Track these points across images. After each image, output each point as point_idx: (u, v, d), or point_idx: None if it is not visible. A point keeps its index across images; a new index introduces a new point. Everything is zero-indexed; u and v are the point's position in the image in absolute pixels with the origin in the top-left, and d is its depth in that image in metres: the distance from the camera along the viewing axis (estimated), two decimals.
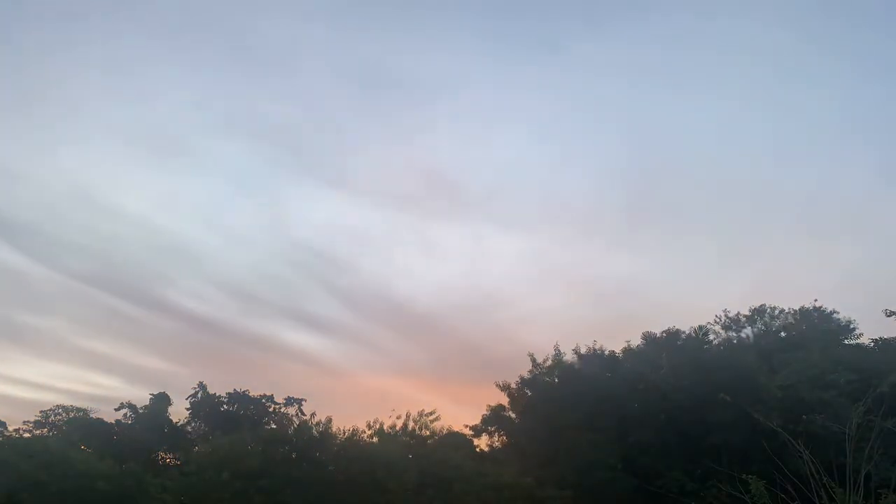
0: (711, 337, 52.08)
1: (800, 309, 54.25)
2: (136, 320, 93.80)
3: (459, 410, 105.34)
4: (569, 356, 47.85)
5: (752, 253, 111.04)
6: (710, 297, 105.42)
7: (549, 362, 47.36)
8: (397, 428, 43.86)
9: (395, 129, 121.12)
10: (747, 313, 55.94)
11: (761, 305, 56.04)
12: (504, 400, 49.42)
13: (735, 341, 53.98)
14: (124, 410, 52.64)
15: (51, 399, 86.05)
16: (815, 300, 53.98)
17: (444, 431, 45.71)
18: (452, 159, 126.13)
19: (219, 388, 54.52)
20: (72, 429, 49.22)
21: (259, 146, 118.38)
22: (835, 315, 52.55)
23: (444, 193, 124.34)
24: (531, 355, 47.84)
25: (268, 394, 55.39)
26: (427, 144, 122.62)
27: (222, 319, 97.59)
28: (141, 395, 58.57)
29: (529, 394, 47.65)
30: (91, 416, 51.55)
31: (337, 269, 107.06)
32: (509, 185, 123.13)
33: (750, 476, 17.15)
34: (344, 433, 38.02)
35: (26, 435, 47.65)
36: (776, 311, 55.65)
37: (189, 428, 53.61)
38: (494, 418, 49.95)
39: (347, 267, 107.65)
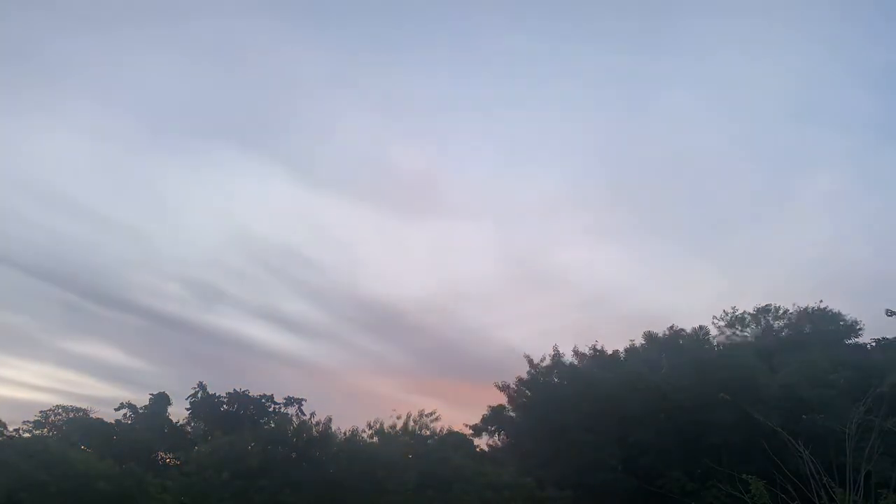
0: (713, 335, 52.19)
1: (803, 308, 54.27)
2: (96, 316, 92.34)
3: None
4: (568, 356, 47.94)
5: (722, 252, 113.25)
6: (685, 296, 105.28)
7: (548, 362, 47.39)
8: (397, 428, 43.90)
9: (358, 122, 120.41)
10: (752, 312, 55.99)
11: (765, 305, 56.10)
12: (504, 400, 49.50)
13: (736, 341, 54.01)
14: (124, 410, 52.69)
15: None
16: (820, 301, 54.05)
17: (444, 431, 45.77)
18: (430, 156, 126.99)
19: (180, 383, 54.19)
20: (72, 429, 49.24)
21: (216, 136, 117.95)
22: (839, 315, 52.56)
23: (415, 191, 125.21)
24: (527, 356, 47.90)
25: (267, 394, 55.48)
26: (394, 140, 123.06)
27: (184, 314, 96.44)
28: (111, 393, 58.35)
29: (529, 394, 47.66)
30: (91, 416, 51.58)
31: (300, 264, 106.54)
32: (476, 181, 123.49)
33: (750, 476, 17.15)
34: (344, 433, 38.07)
35: (26, 435, 47.64)
36: (779, 311, 55.66)
37: (189, 428, 53.63)
38: (494, 418, 49.98)
39: (311, 262, 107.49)
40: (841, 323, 51.90)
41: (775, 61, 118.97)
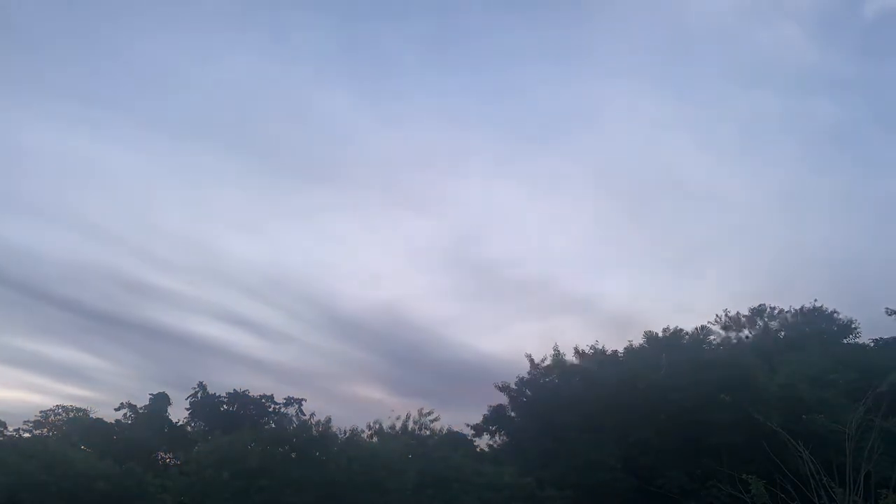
0: (712, 337, 52.25)
1: (799, 309, 54.35)
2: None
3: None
4: (569, 356, 47.94)
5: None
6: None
7: (548, 362, 47.39)
8: (397, 428, 43.92)
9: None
10: (746, 313, 56.08)
11: (760, 305, 56.21)
12: (504, 400, 49.50)
13: (735, 341, 54.10)
14: (124, 410, 52.66)
15: None
16: (815, 300, 54.16)
17: (444, 431, 45.79)
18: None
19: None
20: (72, 429, 49.22)
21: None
22: (835, 315, 52.65)
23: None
24: (529, 356, 47.92)
25: (267, 394, 55.47)
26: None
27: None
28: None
29: (529, 394, 47.67)
30: (91, 416, 51.57)
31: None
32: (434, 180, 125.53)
33: (750, 476, 17.18)
34: (344, 433, 38.05)
35: (26, 435, 47.63)
36: (776, 311, 55.75)
37: (189, 428, 53.60)
38: (494, 418, 49.99)
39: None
40: (835, 323, 51.98)
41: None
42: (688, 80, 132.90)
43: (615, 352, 48.49)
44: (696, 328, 51.52)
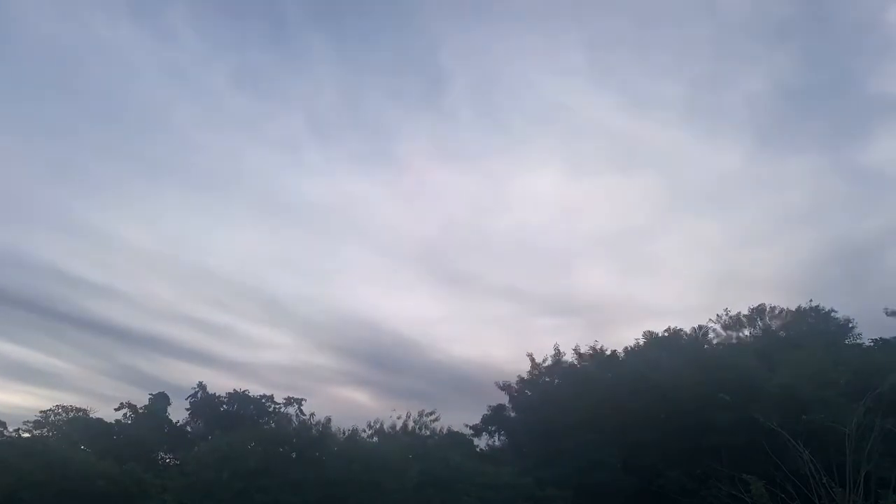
0: (711, 337, 52.22)
1: (797, 308, 54.31)
2: None
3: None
4: (569, 356, 47.95)
5: None
6: None
7: (549, 362, 47.41)
8: (397, 428, 43.94)
9: None
10: (746, 313, 56.02)
11: (760, 305, 56.13)
12: (504, 399, 49.53)
13: (735, 341, 54.05)
14: (124, 410, 52.64)
15: None
16: (811, 300, 54.18)
17: (444, 431, 45.81)
18: None
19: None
20: (72, 429, 49.20)
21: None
22: (833, 314, 52.62)
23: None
24: (530, 355, 47.94)
25: (267, 394, 55.49)
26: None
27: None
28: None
29: (529, 393, 47.68)
30: (91, 415, 51.54)
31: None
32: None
33: (750, 476, 17.17)
34: (344, 433, 38.05)
35: (26, 435, 47.61)
36: (776, 311, 55.70)
37: (189, 428, 53.60)
38: (494, 418, 50.01)
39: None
40: (835, 323, 51.94)
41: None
42: None
43: (614, 352, 48.51)
44: (695, 328, 51.56)
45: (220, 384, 78.11)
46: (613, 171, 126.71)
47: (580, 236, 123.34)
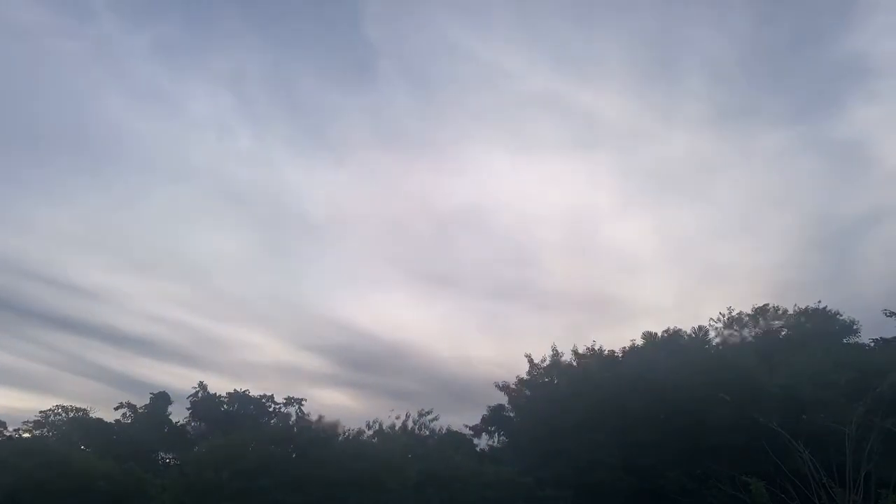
0: (712, 336, 52.17)
1: (802, 309, 54.23)
2: None
3: None
4: (567, 356, 47.92)
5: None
6: None
7: (548, 362, 47.40)
8: (397, 428, 43.92)
9: None
10: (750, 312, 55.93)
11: (764, 305, 56.04)
12: (503, 400, 49.53)
13: (736, 341, 54.01)
14: (123, 410, 52.66)
15: None
16: (819, 301, 54.05)
17: (444, 431, 45.82)
18: None
19: None
20: (72, 429, 49.23)
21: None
22: (837, 315, 52.55)
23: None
24: (528, 356, 47.92)
25: (268, 394, 55.51)
26: None
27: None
28: None
29: (529, 394, 47.67)
30: (91, 415, 51.57)
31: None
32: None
33: (750, 476, 17.15)
34: (344, 433, 38.04)
35: (26, 435, 47.65)
36: (778, 311, 55.63)
37: (189, 428, 53.61)
38: (494, 418, 50.02)
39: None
40: (836, 323, 51.87)
41: None
42: None
43: (612, 352, 48.49)
44: (695, 328, 51.50)
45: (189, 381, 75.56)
46: (565, 149, 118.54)
47: (538, 221, 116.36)
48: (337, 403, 75.71)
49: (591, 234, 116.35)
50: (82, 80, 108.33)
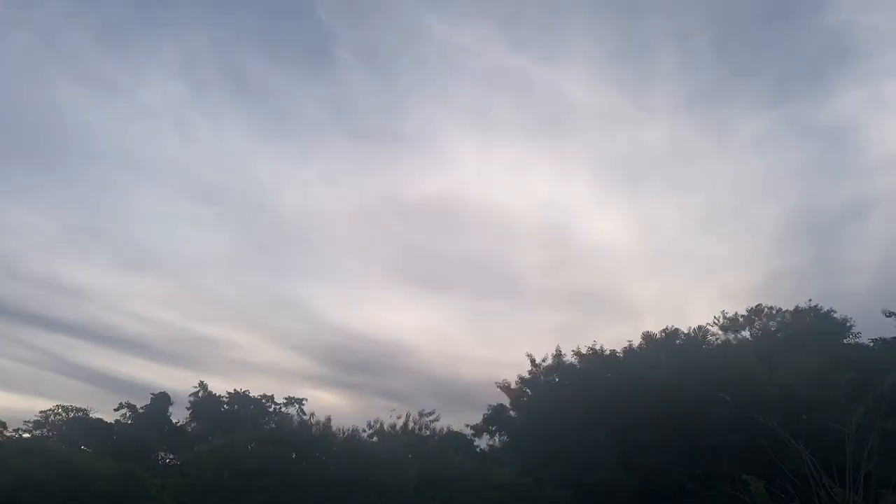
0: (710, 337, 52.15)
1: (796, 308, 54.25)
2: None
3: None
4: (568, 356, 47.90)
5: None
6: None
7: (549, 362, 47.39)
8: (397, 428, 43.95)
9: None
10: (744, 313, 55.97)
11: (758, 305, 56.07)
12: (504, 399, 49.49)
13: (734, 341, 54.02)
14: (124, 410, 52.63)
15: None
16: (810, 300, 54.13)
17: (445, 431, 45.82)
18: None
19: None
20: (72, 429, 49.21)
21: None
22: (832, 314, 52.57)
23: None
24: (529, 355, 47.91)
25: (268, 394, 55.49)
26: None
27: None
28: None
29: (529, 393, 47.67)
30: (91, 415, 51.55)
31: None
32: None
33: (750, 476, 17.15)
34: (344, 433, 38.06)
35: (26, 435, 47.64)
36: (773, 311, 55.65)
37: (189, 428, 53.58)
38: (495, 418, 49.99)
39: None
40: (834, 323, 51.87)
41: None
42: None
43: (613, 352, 48.48)
44: (694, 328, 51.47)
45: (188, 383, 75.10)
46: (536, 134, 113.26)
47: (514, 214, 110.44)
48: (325, 404, 75.38)
49: (568, 228, 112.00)
50: (32, 72, 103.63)
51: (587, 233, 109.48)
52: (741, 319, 55.76)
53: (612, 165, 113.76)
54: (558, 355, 47.42)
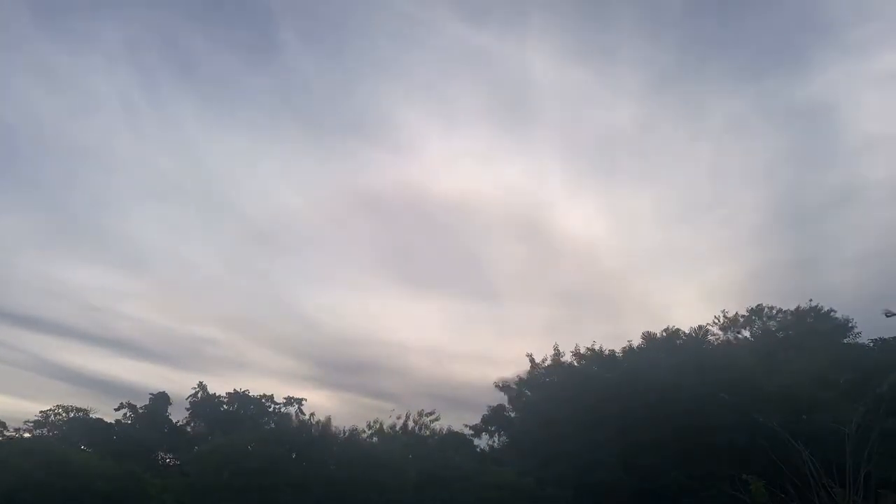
0: (711, 337, 52.21)
1: (796, 309, 54.32)
2: None
3: None
4: (567, 356, 47.93)
5: None
6: None
7: (548, 362, 47.41)
8: (397, 428, 43.95)
9: None
10: (745, 313, 56.02)
11: (758, 305, 56.13)
12: (495, 399, 49.57)
13: (734, 341, 54.09)
14: (124, 410, 52.62)
15: None
16: (811, 300, 54.19)
17: (444, 431, 45.82)
18: None
19: None
20: (72, 429, 49.22)
21: None
22: (832, 314, 52.62)
23: None
24: (529, 355, 47.93)
25: (267, 394, 55.47)
26: None
27: None
28: None
29: (529, 394, 47.69)
30: (91, 415, 51.54)
31: None
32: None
33: (750, 476, 17.16)
34: (344, 433, 38.06)
35: (26, 435, 47.65)
36: (773, 311, 55.72)
37: (189, 428, 53.58)
38: (494, 418, 50.03)
39: None
40: (834, 323, 51.94)
41: None
42: None
43: (612, 352, 48.52)
44: (694, 328, 51.52)
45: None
46: (499, 116, 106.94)
47: (481, 206, 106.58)
48: (313, 405, 75.01)
49: (544, 220, 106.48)
50: None
51: (563, 227, 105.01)
52: (742, 319, 55.87)
53: (583, 151, 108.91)
54: (557, 355, 47.48)
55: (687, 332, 50.90)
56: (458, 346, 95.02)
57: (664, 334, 50.38)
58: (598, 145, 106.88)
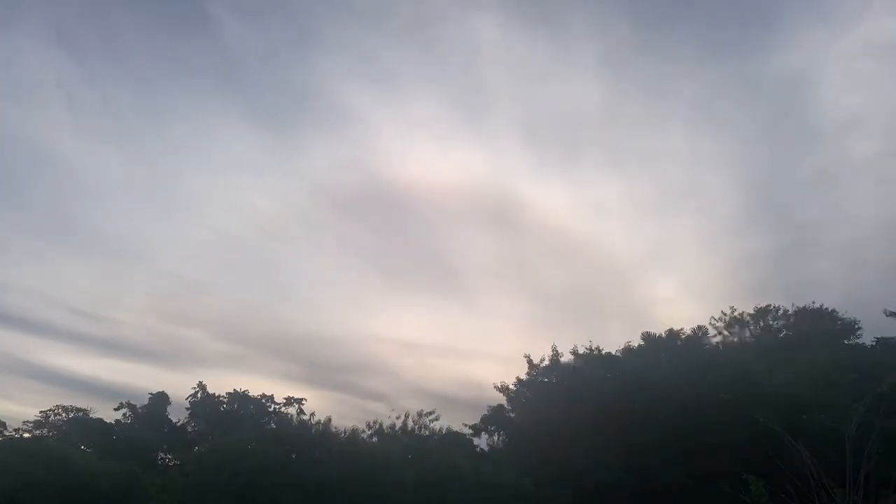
0: (712, 337, 52.23)
1: (800, 308, 54.30)
2: None
3: None
4: (566, 356, 47.89)
5: None
6: None
7: (547, 363, 47.37)
8: (397, 428, 43.93)
9: None
10: (752, 312, 56.01)
11: (766, 305, 56.13)
12: (503, 400, 49.47)
13: (736, 341, 54.08)
14: (124, 410, 52.64)
15: None
16: (814, 301, 54.16)
17: (444, 431, 45.80)
18: None
19: None
20: (72, 429, 49.24)
21: None
22: (835, 314, 52.59)
23: None
24: (527, 356, 47.89)
25: (267, 394, 55.49)
26: None
27: None
28: None
29: (528, 394, 47.64)
30: (91, 416, 51.56)
31: None
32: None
33: (750, 476, 17.13)
34: (344, 433, 38.06)
35: (26, 435, 47.67)
36: (778, 311, 55.71)
37: (189, 428, 53.60)
38: (494, 418, 49.99)
39: None
40: (839, 322, 51.92)
41: None
42: None
43: (611, 352, 48.51)
44: (695, 328, 51.52)
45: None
46: (449, 91, 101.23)
47: (448, 195, 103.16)
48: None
49: (510, 207, 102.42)
50: None
51: (531, 218, 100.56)
52: (748, 318, 55.86)
53: (543, 131, 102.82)
54: (555, 356, 47.44)
55: (688, 332, 50.94)
56: (434, 342, 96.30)
57: (665, 334, 50.39)
58: (558, 124, 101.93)
